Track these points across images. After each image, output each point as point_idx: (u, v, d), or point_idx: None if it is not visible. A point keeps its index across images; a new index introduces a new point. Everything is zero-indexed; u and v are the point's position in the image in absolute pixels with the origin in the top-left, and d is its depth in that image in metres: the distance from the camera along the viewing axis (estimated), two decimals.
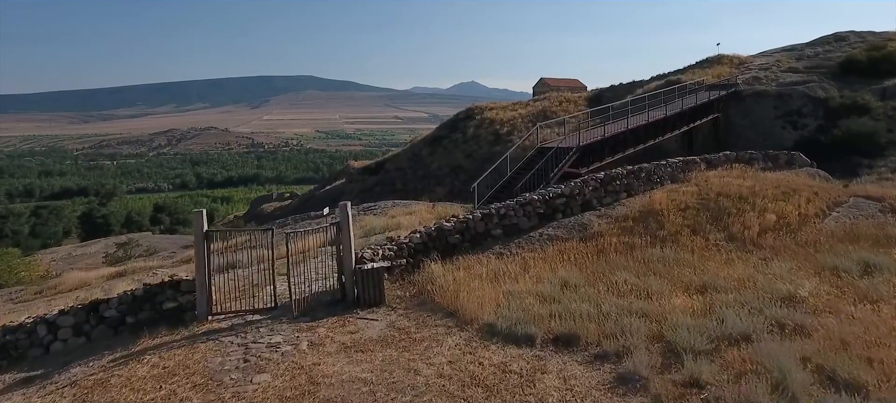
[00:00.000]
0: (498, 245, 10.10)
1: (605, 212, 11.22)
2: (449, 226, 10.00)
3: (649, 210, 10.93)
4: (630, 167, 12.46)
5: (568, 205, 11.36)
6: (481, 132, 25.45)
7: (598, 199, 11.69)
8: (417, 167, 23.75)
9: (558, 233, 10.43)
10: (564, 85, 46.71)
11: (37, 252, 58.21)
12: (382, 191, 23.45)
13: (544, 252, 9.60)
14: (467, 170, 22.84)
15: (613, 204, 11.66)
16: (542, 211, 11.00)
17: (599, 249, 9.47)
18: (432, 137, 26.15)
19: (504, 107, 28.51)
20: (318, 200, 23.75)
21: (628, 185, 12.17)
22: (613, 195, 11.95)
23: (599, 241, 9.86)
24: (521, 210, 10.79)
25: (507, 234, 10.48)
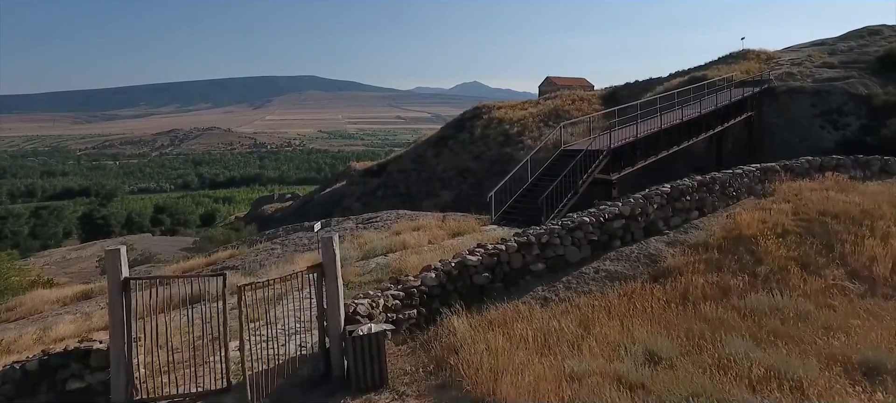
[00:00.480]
0: (541, 285, 7.66)
1: (676, 238, 8.90)
2: (474, 261, 7.50)
3: (736, 235, 8.50)
4: (700, 178, 10.00)
5: (627, 229, 8.94)
6: (490, 132, 23.13)
7: (664, 220, 9.33)
8: (422, 169, 21.54)
9: (619, 269, 8.05)
10: (571, 84, 44.17)
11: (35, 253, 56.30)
12: (385, 194, 21.23)
13: (605, 297, 7.18)
14: (476, 172, 20.88)
15: (683, 225, 9.38)
16: (595, 238, 8.59)
17: (682, 294, 6.94)
18: (437, 138, 23.79)
19: (513, 106, 26.10)
20: (317, 204, 21.61)
21: (700, 201, 9.84)
22: (682, 214, 9.57)
23: (678, 282, 7.32)
24: (568, 236, 8.32)
25: (552, 269, 8.06)
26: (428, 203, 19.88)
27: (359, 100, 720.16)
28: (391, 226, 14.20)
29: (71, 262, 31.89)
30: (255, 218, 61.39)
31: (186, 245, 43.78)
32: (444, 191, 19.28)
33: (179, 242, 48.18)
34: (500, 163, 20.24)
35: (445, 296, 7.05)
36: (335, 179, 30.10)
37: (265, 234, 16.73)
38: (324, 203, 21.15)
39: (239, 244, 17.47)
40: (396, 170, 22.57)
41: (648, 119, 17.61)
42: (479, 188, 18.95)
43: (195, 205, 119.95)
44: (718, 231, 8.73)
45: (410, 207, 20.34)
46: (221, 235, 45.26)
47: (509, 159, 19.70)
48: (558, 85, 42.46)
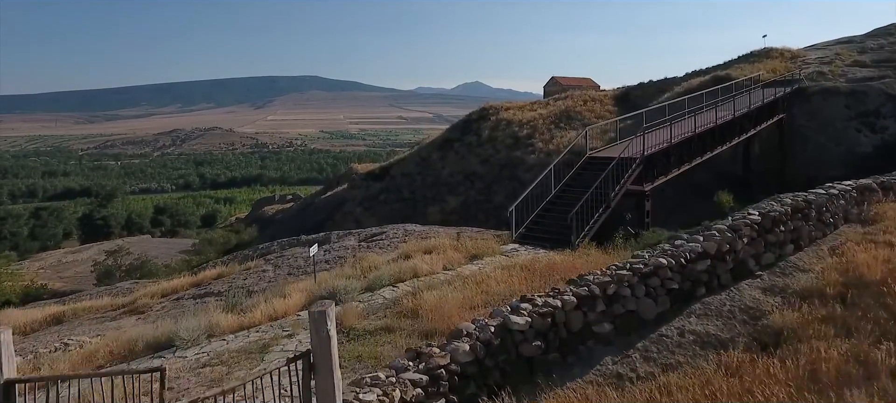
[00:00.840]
0: (610, 355, 6.14)
1: (774, 283, 7.24)
2: (520, 325, 5.81)
3: (857, 280, 6.70)
4: (791, 201, 8.29)
5: (713, 272, 7.19)
6: (498, 135, 22.12)
7: (754, 258, 7.59)
8: (427, 173, 20.74)
9: (711, 330, 6.35)
10: (577, 84, 43.63)
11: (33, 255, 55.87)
12: (388, 198, 20.34)
13: (702, 375, 5.42)
14: (483, 177, 19.81)
15: (779, 264, 7.66)
16: (674, 286, 6.87)
17: (811, 373, 5.08)
18: (442, 140, 22.87)
19: (521, 107, 25.04)
20: (317, 208, 20.92)
21: (795, 232, 8.06)
22: (775, 249, 7.85)
23: (798, 351, 5.50)
24: (641, 285, 6.66)
25: (621, 330, 6.45)
26: (433, 209, 19.15)
27: (360, 100, 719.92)
28: (399, 246, 12.61)
29: (66, 266, 31.49)
30: (255, 220, 61.02)
31: (185, 247, 43.46)
32: (451, 197, 18.37)
33: (179, 244, 47.88)
34: (509, 167, 19.35)
35: (483, 375, 5.42)
36: (336, 181, 29.42)
37: (259, 249, 15.44)
38: (324, 207, 20.49)
39: (230, 260, 16.05)
40: (400, 173, 21.66)
41: (678, 122, 16.04)
42: (488, 193, 18.49)
43: (196, 206, 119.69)
44: (831, 274, 6.95)
45: (414, 213, 19.44)
46: (221, 237, 44.88)
47: (519, 163, 19.36)
48: (564, 85, 41.90)
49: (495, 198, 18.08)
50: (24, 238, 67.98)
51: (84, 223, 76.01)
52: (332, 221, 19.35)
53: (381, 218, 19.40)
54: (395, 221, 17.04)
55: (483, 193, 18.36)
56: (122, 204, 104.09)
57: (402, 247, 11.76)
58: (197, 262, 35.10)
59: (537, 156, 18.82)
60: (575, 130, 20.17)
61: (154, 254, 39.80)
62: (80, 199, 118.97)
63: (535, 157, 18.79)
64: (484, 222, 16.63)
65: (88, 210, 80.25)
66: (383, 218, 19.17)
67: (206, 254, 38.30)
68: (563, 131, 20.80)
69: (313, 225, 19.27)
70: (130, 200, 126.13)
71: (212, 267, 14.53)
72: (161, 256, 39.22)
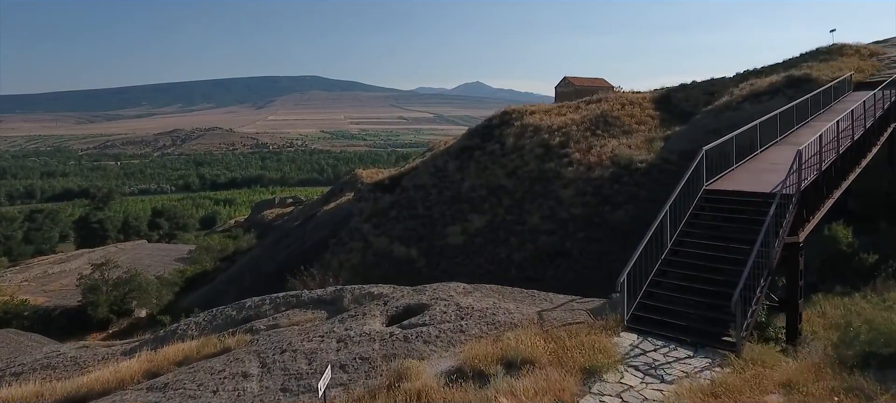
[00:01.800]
0: None
1: None
2: None
3: None
4: None
5: None
6: (525, 143, 18.96)
7: None
8: (444, 186, 17.74)
9: None
10: (591, 84, 41.84)
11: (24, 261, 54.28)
12: (400, 215, 17.60)
13: None
14: (512, 192, 16.64)
15: None
16: None
17: None
18: (460, 147, 19.54)
19: (547, 111, 21.92)
20: (320, 223, 18.76)
21: None
22: None
23: None
24: None
25: None
26: (453, 229, 16.36)
27: (361, 100, 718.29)
28: (455, 342, 7.52)
29: (52, 278, 29.84)
30: (254, 224, 59.43)
31: (182, 254, 41.87)
32: (474, 216, 15.40)
33: (175, 251, 46.22)
34: (542, 181, 16.26)
35: None
36: (340, 188, 27.30)
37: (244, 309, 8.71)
38: (328, 222, 18.40)
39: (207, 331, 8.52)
40: (412, 185, 18.76)
41: (798, 130, 12.75)
42: (519, 212, 15.48)
43: (195, 208, 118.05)
44: None
45: (431, 233, 16.91)
46: (218, 244, 43.36)
47: (554, 177, 16.20)
48: (578, 86, 40.11)
49: (529, 218, 14.92)
50: (17, 242, 66.44)
51: (80, 226, 74.39)
52: (336, 239, 17.33)
53: (393, 236, 17.16)
54: (409, 241, 14.86)
55: (513, 212, 15.54)
56: (119, 206, 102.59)
57: (462, 348, 7.24)
58: (191, 273, 33.55)
59: (576, 168, 15.84)
60: (615, 138, 17.28)
61: (147, 263, 38.20)
62: (78, 200, 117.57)
63: (573, 170, 15.81)
64: (518, 249, 14.16)
65: (84, 213, 78.61)
66: (395, 238, 17.03)
67: (202, 263, 36.70)
68: (602, 139, 17.43)
69: (316, 244, 17.27)
70: (129, 202, 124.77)
71: (178, 340, 8.35)
72: (154, 265, 37.61)
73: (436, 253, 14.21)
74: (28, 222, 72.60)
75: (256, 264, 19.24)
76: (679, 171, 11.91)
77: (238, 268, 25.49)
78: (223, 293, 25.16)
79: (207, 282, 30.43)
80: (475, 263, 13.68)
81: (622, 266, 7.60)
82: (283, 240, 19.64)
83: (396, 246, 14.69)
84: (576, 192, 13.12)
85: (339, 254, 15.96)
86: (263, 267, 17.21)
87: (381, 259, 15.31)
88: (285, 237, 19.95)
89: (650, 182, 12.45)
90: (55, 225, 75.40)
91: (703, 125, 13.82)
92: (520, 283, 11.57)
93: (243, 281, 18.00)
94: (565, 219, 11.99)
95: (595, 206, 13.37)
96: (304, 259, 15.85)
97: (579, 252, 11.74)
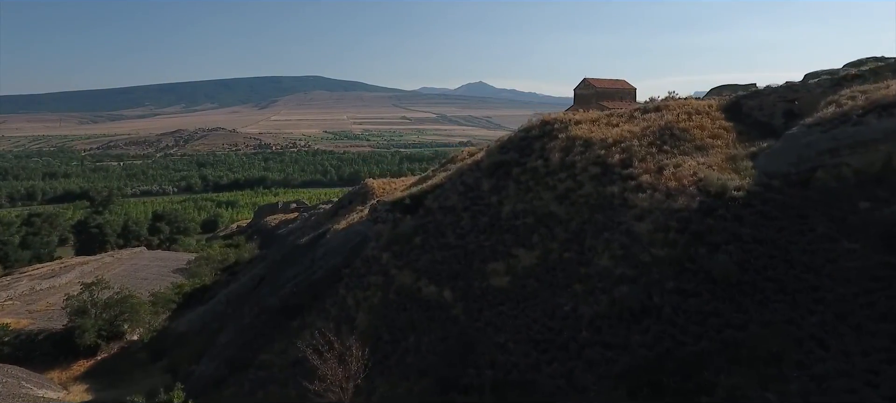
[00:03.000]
0: None
1: None
2: None
3: None
4: None
5: None
6: (575, 159, 15.30)
7: None
8: (477, 209, 14.12)
9: None
10: (612, 86, 39.34)
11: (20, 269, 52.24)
12: (427, 244, 14.83)
13: None
14: (566, 222, 12.98)
15: None
16: None
17: None
18: (494, 163, 15.29)
19: (594, 121, 18.20)
20: (332, 250, 15.65)
21: None
22: None
23: None
24: None
25: None
26: (496, 267, 12.75)
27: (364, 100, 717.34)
28: None
29: (39, 295, 27.66)
30: (257, 231, 57.38)
31: (181, 264, 39.72)
32: (521, 251, 12.42)
33: (174, 260, 44.04)
34: (605, 210, 12.82)
35: None
36: (349, 201, 24.50)
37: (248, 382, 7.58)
38: (339, 248, 15.44)
39: None
40: (438, 206, 15.71)
41: None
42: (579, 249, 12.04)
43: (197, 211, 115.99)
44: None
45: (468, 270, 13.25)
46: (219, 254, 41.21)
47: (621, 204, 12.58)
48: (598, 87, 37.59)
49: (596, 258, 11.55)
50: (14, 247, 64.49)
51: (79, 230, 72.46)
52: (350, 269, 14.34)
53: (419, 270, 13.80)
54: (440, 278, 11.35)
55: (571, 247, 12.19)
56: (121, 209, 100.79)
57: None
58: (189, 288, 31.35)
59: (650, 195, 12.30)
60: (687, 155, 13.48)
61: (143, 275, 36.03)
62: (79, 202, 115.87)
63: (646, 197, 12.28)
64: (585, 299, 10.69)
65: (84, 217, 76.71)
66: (422, 272, 13.69)
67: (201, 275, 34.50)
68: (672, 157, 13.71)
69: (327, 273, 14.41)
70: (130, 204, 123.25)
71: None
72: (151, 278, 35.41)
73: (475, 297, 11.32)
74: (25, 227, 70.70)
75: (258, 296, 16.86)
76: (793, 203, 9.21)
77: (238, 291, 23.25)
78: (221, 315, 22.98)
79: (206, 299, 28.29)
80: (529, 316, 10.43)
81: (740, 334, 4.94)
82: (289, 263, 17.11)
83: (425, 284, 11.88)
84: (654, 226, 10.02)
85: (354, 290, 13.15)
86: (266, 300, 14.79)
87: (407, 299, 12.84)
88: (291, 258, 17.38)
89: (755, 217, 9.55)
90: (54, 230, 73.49)
91: (807, 143, 11.04)
92: (595, 350, 9.29)
93: (243, 315, 15.61)
94: (647, 263, 9.20)
95: (684, 247, 9.75)
96: (314, 292, 13.42)
97: (672, 309, 8.93)
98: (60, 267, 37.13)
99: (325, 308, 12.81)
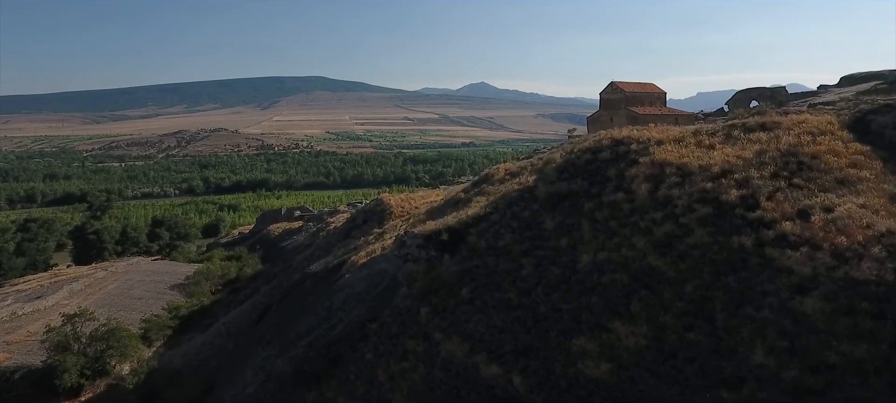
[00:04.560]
0: None
1: None
2: None
3: None
4: None
5: None
6: (673, 194, 10.84)
7: None
8: (543, 256, 10.74)
9: None
10: (641, 90, 36.53)
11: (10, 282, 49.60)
12: (478, 299, 10.50)
13: None
14: (678, 286, 8.73)
15: None
16: None
17: None
18: (555, 194, 12.49)
19: (679, 139, 13.56)
20: (351, 296, 10.83)
21: None
22: None
23: None
24: None
25: None
26: (588, 346, 8.32)
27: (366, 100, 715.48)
28: None
29: (21, 321, 24.99)
30: (260, 241, 54.59)
31: (179, 279, 37.08)
32: (618, 323, 8.13)
33: (171, 273, 41.26)
34: (736, 270, 8.37)
35: None
36: (364, 220, 20.75)
37: None
38: (363, 293, 11.48)
39: None
40: (486, 246, 11.77)
41: None
42: (709, 329, 7.61)
43: (198, 214, 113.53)
44: None
45: (542, 344, 8.97)
46: (219, 269, 38.58)
47: (761, 264, 8.14)
48: (626, 92, 34.78)
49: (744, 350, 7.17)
50: (8, 255, 61.88)
51: (76, 236, 69.90)
52: (377, 324, 11.10)
53: (471, 337, 9.55)
54: (503, 354, 6.08)
55: (697, 327, 7.91)
56: (121, 212, 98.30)
57: None
58: (187, 310, 28.69)
59: (807, 254, 7.83)
60: (829, 191, 9.44)
61: (138, 294, 33.31)
62: (78, 205, 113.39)
63: (802, 258, 7.77)
64: None
65: (81, 222, 74.09)
66: (478, 341, 9.37)
67: (199, 295, 31.86)
68: (815, 195, 9.54)
69: (348, 328, 10.69)
70: (130, 207, 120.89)
71: None
72: (146, 297, 32.68)
73: (559, 389, 7.41)
74: (21, 232, 68.12)
75: (261, 339, 14.00)
76: None
77: (239, 321, 20.54)
78: (221, 350, 20.30)
79: (205, 324, 25.64)
80: None
81: None
82: (299, 304, 14.04)
83: (483, 361, 8.06)
84: (831, 306, 6.43)
85: (386, 358, 9.32)
86: (274, 363, 11.76)
87: (460, 382, 8.85)
88: (301, 296, 14.24)
89: None
90: (50, 236, 70.97)
91: None
92: None
93: (245, 381, 12.66)
94: (835, 366, 6.01)
95: (889, 341, 5.99)
96: (333, 354, 10.41)
97: None
98: (50, 283, 34.47)
99: (349, 379, 9.63)
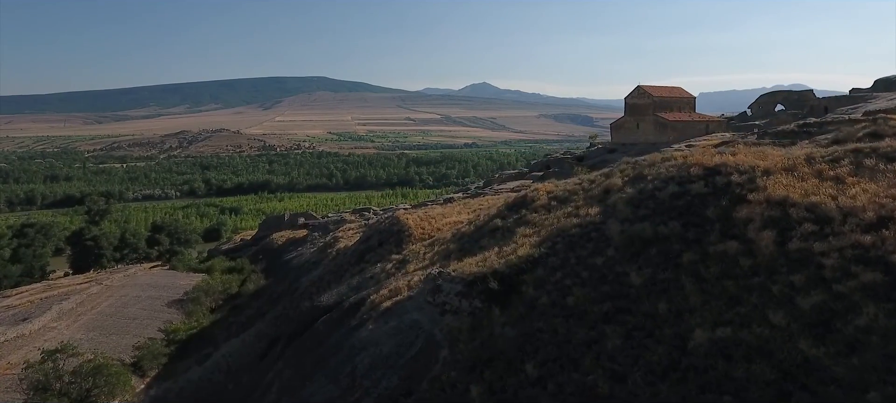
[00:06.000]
0: None
1: None
2: None
3: None
4: None
5: None
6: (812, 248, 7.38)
7: None
8: (633, 324, 7.35)
9: None
10: (669, 95, 34.59)
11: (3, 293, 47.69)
12: (549, 377, 7.27)
13: None
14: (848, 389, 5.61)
15: None
16: None
17: None
18: (637, 238, 8.94)
19: (791, 169, 10.10)
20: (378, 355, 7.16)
21: None
22: None
23: None
24: None
25: None
26: None
27: (368, 101, 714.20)
28: None
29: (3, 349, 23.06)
30: (262, 251, 52.62)
31: (177, 295, 35.24)
32: None
33: (170, 288, 39.29)
34: None
35: None
36: (379, 243, 18.21)
37: None
38: (391, 357, 8.15)
39: None
40: (549, 301, 8.70)
41: None
42: None
43: (199, 218, 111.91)
44: None
45: None
46: (220, 284, 36.76)
47: None
48: (654, 96, 32.83)
49: None
50: (3, 262, 60.09)
51: (74, 242, 68.12)
52: (412, 401, 7.75)
53: None
54: None
55: None
56: (120, 216, 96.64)
57: None
58: (184, 333, 26.84)
59: None
60: None
61: (132, 313, 31.36)
62: (78, 208, 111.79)
63: None
64: None
65: (79, 228, 72.31)
66: None
67: (198, 315, 29.99)
68: None
69: None
70: (130, 210, 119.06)
71: None
72: (141, 317, 30.74)
73: None
74: (17, 238, 66.37)
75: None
76: None
77: (241, 353, 18.73)
78: (221, 388, 18.43)
79: (203, 353, 23.78)
80: None
81: None
82: (313, 361, 11.63)
83: None
84: None
85: None
86: None
87: None
88: (315, 352, 11.85)
89: None
90: (48, 241, 69.23)
91: None
92: None
93: None
94: None
95: None
96: None
97: None
98: (40, 299, 32.52)
99: None
